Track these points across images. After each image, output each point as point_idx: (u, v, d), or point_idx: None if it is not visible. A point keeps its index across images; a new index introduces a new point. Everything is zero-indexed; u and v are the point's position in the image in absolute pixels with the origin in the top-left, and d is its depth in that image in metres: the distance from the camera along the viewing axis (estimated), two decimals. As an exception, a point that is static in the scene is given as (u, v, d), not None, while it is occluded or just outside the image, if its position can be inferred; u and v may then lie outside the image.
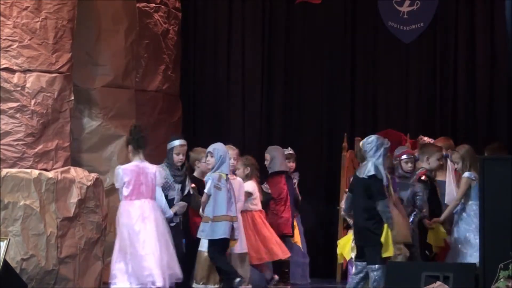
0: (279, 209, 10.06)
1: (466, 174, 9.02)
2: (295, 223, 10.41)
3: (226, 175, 8.99)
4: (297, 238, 10.41)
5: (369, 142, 8.61)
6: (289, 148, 10.68)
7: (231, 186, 9.02)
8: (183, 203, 9.15)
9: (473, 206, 8.97)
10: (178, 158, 9.21)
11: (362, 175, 8.54)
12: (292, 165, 10.62)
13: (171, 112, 11.40)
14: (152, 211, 8.88)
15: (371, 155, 8.55)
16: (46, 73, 9.40)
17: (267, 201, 10.05)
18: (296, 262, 10.57)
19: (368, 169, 8.51)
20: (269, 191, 10.11)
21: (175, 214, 9.10)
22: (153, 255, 8.71)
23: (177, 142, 9.28)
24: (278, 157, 10.18)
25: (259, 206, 9.83)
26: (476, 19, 12.02)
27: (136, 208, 8.88)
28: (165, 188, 9.17)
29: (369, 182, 8.48)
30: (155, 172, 8.95)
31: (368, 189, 8.49)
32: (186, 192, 9.22)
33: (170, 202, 9.14)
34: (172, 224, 9.12)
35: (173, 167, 9.22)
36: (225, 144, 9.58)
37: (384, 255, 8.48)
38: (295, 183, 10.48)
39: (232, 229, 8.92)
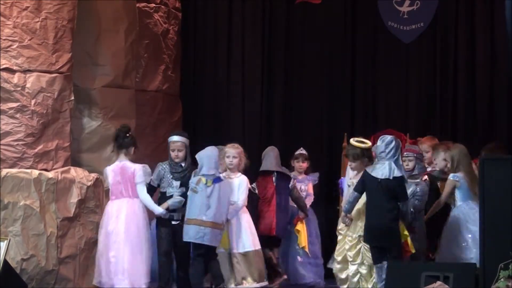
0: (262, 209, 9.98)
1: (450, 175, 8.98)
2: (303, 226, 10.34)
3: (207, 178, 8.93)
4: (303, 241, 10.33)
5: (388, 142, 8.50)
6: (301, 148, 10.67)
7: (217, 191, 8.92)
8: (179, 198, 9.08)
9: (461, 208, 8.95)
10: (173, 154, 9.20)
11: (383, 176, 8.42)
12: (302, 165, 10.60)
13: (171, 112, 11.39)
14: (128, 210, 8.89)
15: (390, 156, 8.45)
16: (46, 73, 9.40)
17: (254, 202, 9.99)
18: (306, 263, 10.49)
19: (391, 170, 8.40)
20: (256, 191, 10.07)
21: (168, 210, 9.05)
22: (118, 257, 8.75)
23: (172, 138, 9.27)
24: (269, 157, 10.11)
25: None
26: (476, 19, 12.00)
27: (114, 208, 8.95)
28: (165, 185, 9.15)
29: (394, 183, 8.39)
30: (133, 171, 8.96)
31: (392, 190, 8.40)
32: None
33: (168, 199, 9.12)
34: (174, 223, 9.10)
35: (173, 163, 9.20)
36: (229, 143, 9.58)
37: (411, 250, 8.56)
38: (296, 184, 10.37)
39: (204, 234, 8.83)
